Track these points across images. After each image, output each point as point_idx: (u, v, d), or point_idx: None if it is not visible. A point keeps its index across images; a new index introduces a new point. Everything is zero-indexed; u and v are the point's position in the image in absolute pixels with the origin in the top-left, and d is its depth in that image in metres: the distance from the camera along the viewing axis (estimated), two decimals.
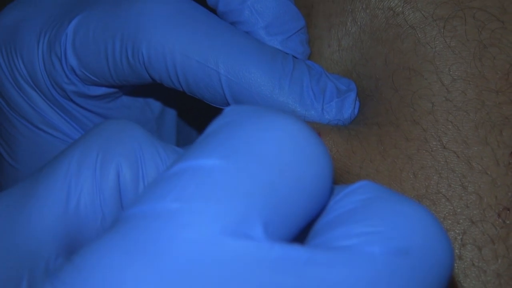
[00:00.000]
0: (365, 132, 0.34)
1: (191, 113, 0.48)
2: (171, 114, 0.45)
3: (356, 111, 0.35)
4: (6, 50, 0.39)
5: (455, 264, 0.31)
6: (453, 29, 0.34)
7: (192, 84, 0.34)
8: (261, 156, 0.21)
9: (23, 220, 0.25)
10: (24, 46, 0.38)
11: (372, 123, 0.34)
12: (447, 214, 0.31)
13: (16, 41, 0.39)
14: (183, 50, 0.34)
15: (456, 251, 0.31)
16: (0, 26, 0.40)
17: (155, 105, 0.43)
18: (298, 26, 0.37)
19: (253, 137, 0.21)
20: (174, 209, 0.20)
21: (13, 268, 0.24)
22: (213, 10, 0.36)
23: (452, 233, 0.31)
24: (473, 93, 0.33)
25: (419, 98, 0.33)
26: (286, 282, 0.19)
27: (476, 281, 0.30)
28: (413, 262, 0.20)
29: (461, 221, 0.31)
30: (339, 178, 0.34)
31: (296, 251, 0.20)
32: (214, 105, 0.36)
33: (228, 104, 0.35)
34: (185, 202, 0.20)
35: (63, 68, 0.37)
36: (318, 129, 0.34)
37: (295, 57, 0.36)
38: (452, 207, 0.31)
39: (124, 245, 0.19)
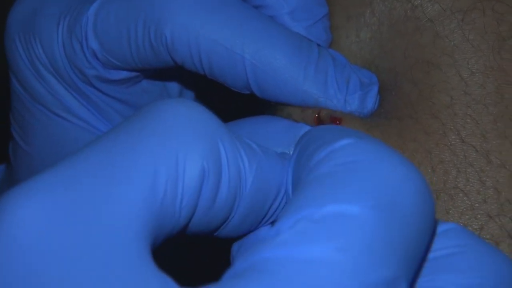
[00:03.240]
0: (385, 125, 0.34)
1: (209, 96, 0.48)
2: (188, 98, 0.45)
3: (376, 105, 0.35)
4: (24, 36, 0.39)
5: None
6: (472, 21, 0.33)
7: (215, 68, 0.34)
8: (404, 209, 0.22)
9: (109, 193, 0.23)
10: (43, 31, 0.38)
11: (392, 117, 0.34)
12: (464, 209, 0.31)
13: (34, 26, 0.38)
14: (208, 33, 0.33)
15: None
16: (18, 12, 0.40)
17: (173, 90, 0.43)
18: (322, 13, 0.36)
19: (392, 186, 0.22)
20: (334, 258, 0.20)
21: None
22: None
23: (470, 228, 0.31)
24: (492, 86, 0.32)
25: (438, 92, 0.33)
26: None
27: None
28: None
29: (479, 216, 0.31)
30: None
31: None
32: (235, 89, 0.35)
33: (250, 89, 0.34)
34: (342, 251, 0.20)
35: (84, 52, 0.37)
36: (340, 115, 0.34)
37: (319, 45, 0.35)
38: (469, 202, 0.31)
39: None
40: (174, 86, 0.43)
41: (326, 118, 0.34)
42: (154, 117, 0.25)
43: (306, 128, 0.34)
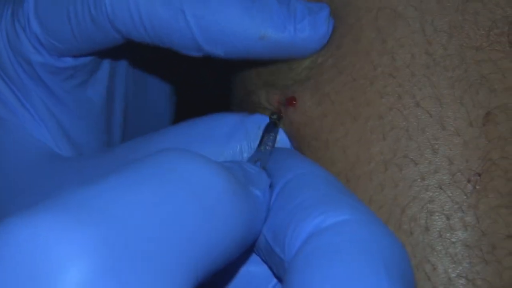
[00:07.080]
0: (338, 89, 0.32)
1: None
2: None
3: (330, 29, 0.33)
4: None
5: (422, 238, 0.28)
6: None
7: (158, 29, 0.33)
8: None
9: None
10: None
11: (347, 79, 0.32)
12: (414, 181, 0.29)
13: None
14: None
15: (423, 221, 0.29)
16: None
17: (118, 99, 0.43)
18: None
19: (400, 263, 0.22)
20: None
21: None
22: None
23: (420, 201, 0.29)
24: (454, 48, 0.30)
25: (401, 47, 0.31)
26: None
27: (443, 254, 0.28)
28: None
29: (430, 187, 0.29)
30: (306, 146, 0.32)
31: None
32: (185, 52, 0.34)
33: (199, 46, 0.33)
34: None
35: (27, 37, 0.36)
36: (293, 93, 0.33)
37: None
38: (420, 172, 0.29)
39: None
40: (119, 97, 0.43)
41: (282, 100, 0.33)
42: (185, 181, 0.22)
43: (260, 118, 0.34)
